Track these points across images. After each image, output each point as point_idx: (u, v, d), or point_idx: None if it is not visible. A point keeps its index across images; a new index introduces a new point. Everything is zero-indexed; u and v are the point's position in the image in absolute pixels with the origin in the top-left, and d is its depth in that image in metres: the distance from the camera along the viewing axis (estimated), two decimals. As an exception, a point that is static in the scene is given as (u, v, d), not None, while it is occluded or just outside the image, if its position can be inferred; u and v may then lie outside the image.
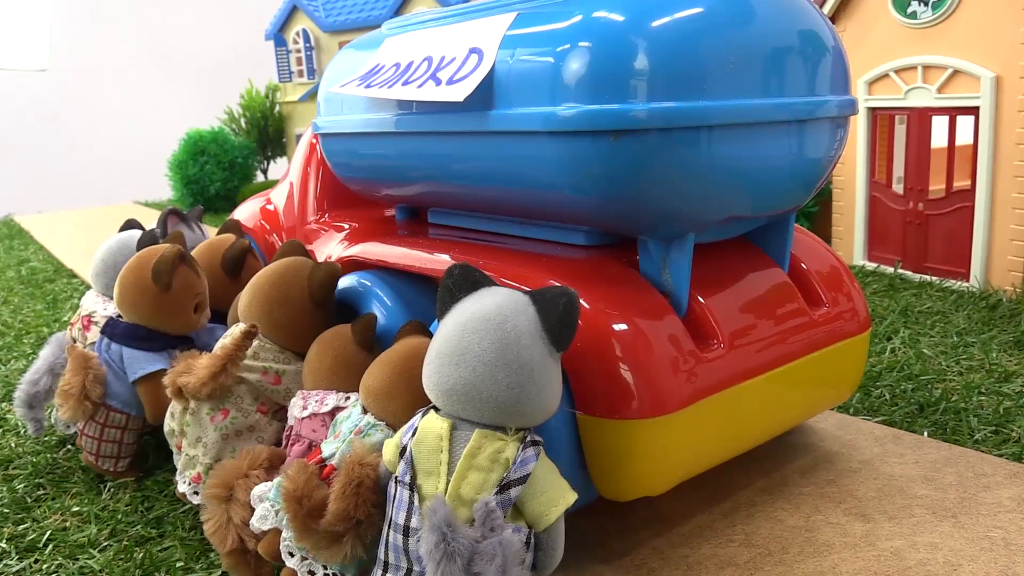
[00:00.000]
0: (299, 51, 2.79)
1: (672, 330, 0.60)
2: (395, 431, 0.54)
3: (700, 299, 0.64)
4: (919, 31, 1.31)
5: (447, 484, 0.47)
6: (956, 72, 1.27)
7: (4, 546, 0.70)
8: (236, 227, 0.93)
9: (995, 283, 1.25)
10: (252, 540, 0.60)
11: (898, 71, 1.35)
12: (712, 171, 0.58)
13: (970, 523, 0.64)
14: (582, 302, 0.59)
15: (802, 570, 0.59)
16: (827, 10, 1.44)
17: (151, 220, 1.01)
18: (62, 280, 1.79)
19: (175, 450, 0.73)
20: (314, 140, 1.02)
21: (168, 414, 0.73)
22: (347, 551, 0.51)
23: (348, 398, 0.64)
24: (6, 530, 0.73)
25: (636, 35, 0.55)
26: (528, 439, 0.48)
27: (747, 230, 0.71)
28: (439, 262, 0.71)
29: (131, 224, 0.98)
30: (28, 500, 0.78)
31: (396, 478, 0.50)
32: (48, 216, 2.88)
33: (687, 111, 0.55)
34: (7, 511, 0.76)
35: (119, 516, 0.74)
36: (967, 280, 1.29)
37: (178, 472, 0.72)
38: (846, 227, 1.50)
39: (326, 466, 0.56)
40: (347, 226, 0.92)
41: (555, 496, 0.48)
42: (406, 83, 0.67)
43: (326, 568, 0.55)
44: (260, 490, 0.60)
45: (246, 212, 1.08)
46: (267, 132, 2.91)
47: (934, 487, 0.70)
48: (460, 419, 0.48)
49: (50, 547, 0.70)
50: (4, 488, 0.80)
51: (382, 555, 0.50)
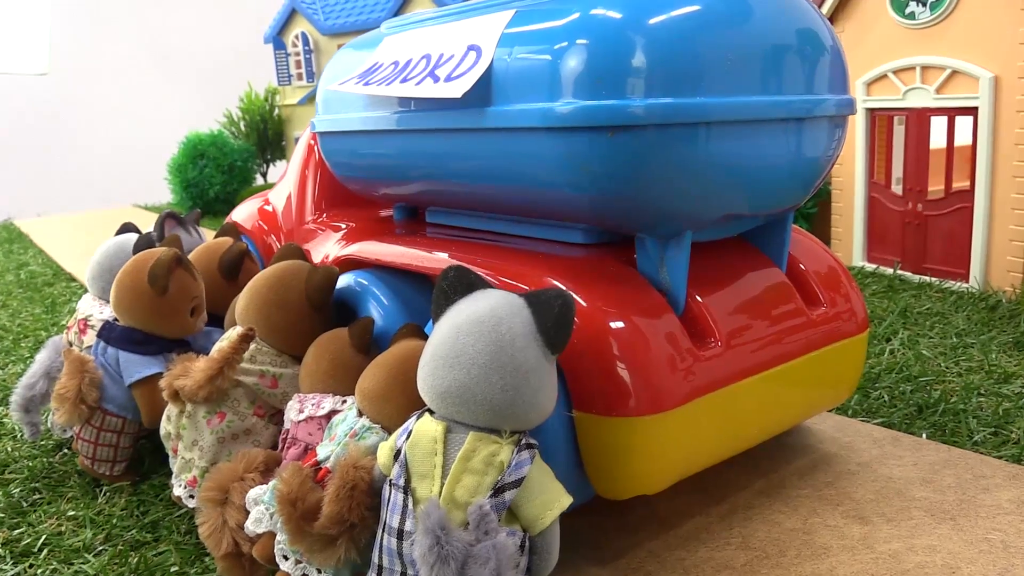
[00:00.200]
0: (298, 54, 2.79)
1: (669, 328, 0.59)
2: (390, 434, 0.54)
3: (698, 298, 0.63)
4: (917, 31, 1.31)
5: (441, 487, 0.47)
6: (954, 72, 1.26)
7: (-1, 551, 0.70)
8: (233, 230, 0.93)
9: (994, 284, 1.25)
10: (247, 543, 0.60)
11: (896, 72, 1.35)
12: (710, 168, 0.58)
13: (969, 525, 0.64)
14: (579, 300, 0.59)
15: (799, 573, 0.59)
16: (825, 10, 1.43)
17: (150, 223, 1.01)
18: (61, 284, 1.79)
19: (171, 453, 0.73)
20: (312, 141, 1.02)
21: (164, 417, 0.73)
22: (341, 554, 0.51)
23: (345, 401, 0.64)
24: (1, 535, 0.73)
25: (633, 32, 0.56)
26: (523, 442, 0.48)
27: (745, 229, 0.71)
28: (436, 260, 0.71)
29: (128, 227, 0.98)
30: (24, 505, 0.78)
31: (390, 481, 0.49)
32: (47, 219, 2.88)
33: (684, 107, 0.55)
34: (2, 516, 0.76)
35: (114, 520, 0.74)
36: (966, 281, 1.29)
37: (174, 475, 0.72)
38: (845, 228, 1.50)
39: (321, 469, 0.56)
40: (345, 226, 0.92)
41: (550, 499, 0.48)
42: (404, 80, 0.67)
43: (320, 572, 0.55)
44: (255, 493, 0.60)
45: (244, 213, 1.08)
46: (266, 135, 2.91)
47: (933, 489, 0.69)
48: (455, 422, 0.48)
49: (45, 552, 0.70)
50: (0, 493, 0.80)
51: (376, 559, 0.49)
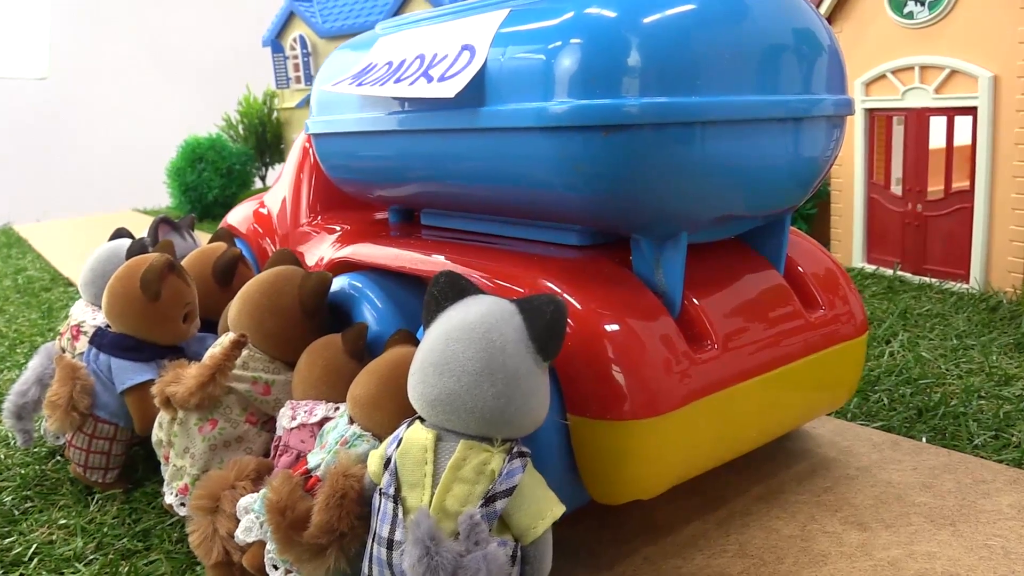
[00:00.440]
0: (296, 57, 2.79)
1: (665, 331, 0.59)
2: (381, 442, 0.53)
3: (694, 300, 0.63)
4: (916, 31, 1.30)
5: (432, 496, 0.46)
6: (953, 72, 1.26)
7: (-10, 560, 0.69)
8: (227, 236, 0.92)
9: (995, 284, 1.24)
10: (237, 552, 0.59)
11: (895, 72, 1.34)
12: (706, 168, 0.57)
13: (969, 531, 0.63)
14: (574, 302, 0.58)
15: (798, 580, 0.58)
16: (823, 10, 1.43)
17: (148, 228, 1.00)
18: (58, 289, 1.78)
19: (163, 461, 0.72)
20: (307, 143, 1.01)
21: (156, 424, 0.72)
22: (330, 564, 0.50)
23: (337, 408, 0.64)
24: (-8, 543, 0.72)
25: (628, 30, 0.55)
26: (515, 450, 0.47)
27: (742, 230, 0.70)
28: (429, 263, 0.70)
29: (121, 233, 0.98)
30: (15, 513, 0.77)
31: (380, 490, 0.49)
32: (47, 224, 2.88)
33: (680, 106, 0.55)
34: (-6, 524, 0.75)
35: (105, 529, 0.73)
36: (967, 282, 1.28)
37: (165, 483, 0.71)
38: (845, 229, 1.49)
39: (311, 477, 0.55)
40: (339, 228, 0.91)
41: (542, 508, 0.47)
42: (398, 81, 0.66)
43: (311, 582, 0.54)
44: (246, 502, 0.59)
45: (239, 216, 1.07)
46: (265, 138, 2.91)
47: (933, 494, 0.68)
48: (445, 430, 0.48)
49: (35, 561, 0.69)
50: (-8, 500, 0.79)
51: (366, 569, 0.49)
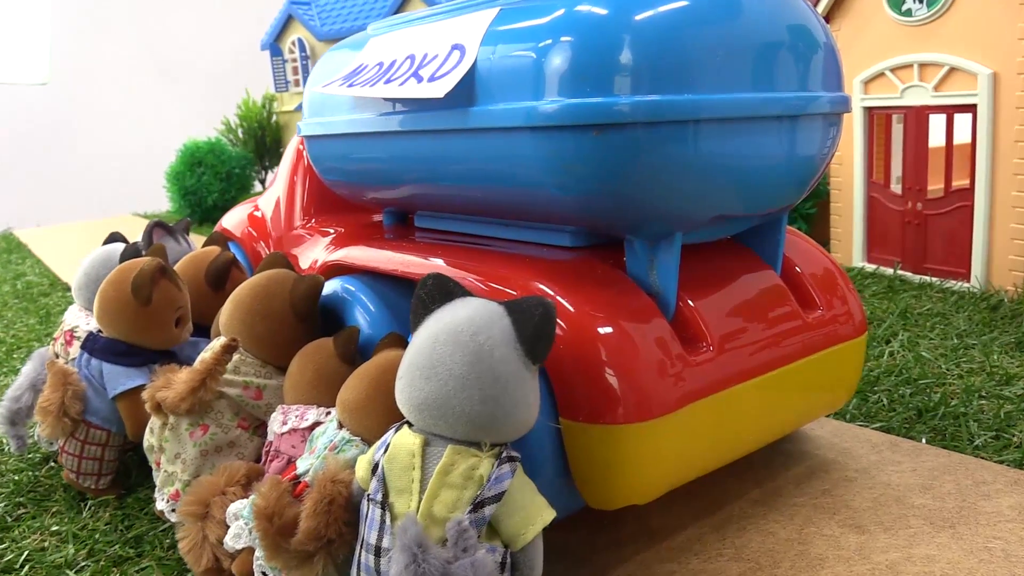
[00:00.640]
0: (295, 60, 2.79)
1: (659, 333, 0.58)
2: (371, 447, 0.52)
3: (689, 301, 0.62)
4: (914, 28, 1.30)
5: (419, 502, 0.45)
6: (952, 69, 1.25)
7: (-20, 567, 0.69)
8: (221, 239, 0.92)
9: (996, 283, 1.23)
10: (227, 559, 0.58)
11: (894, 69, 1.33)
12: (700, 168, 0.56)
13: (969, 534, 0.62)
14: (566, 304, 0.58)
15: (795, 584, 0.57)
16: (821, 9, 1.42)
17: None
18: (57, 294, 1.78)
19: (154, 466, 0.71)
20: (301, 146, 1.01)
21: (148, 430, 0.72)
22: (319, 571, 0.49)
23: (329, 413, 0.63)
24: (-17, 551, 0.72)
25: (619, 27, 0.54)
26: (504, 455, 0.47)
27: (738, 230, 0.69)
28: (421, 265, 0.70)
29: (115, 237, 0.97)
30: (8, 519, 0.77)
31: (368, 496, 0.48)
32: (47, 229, 2.88)
33: (673, 105, 0.54)
34: (-14, 531, 0.75)
35: (97, 536, 0.73)
36: (967, 280, 1.27)
37: (157, 489, 0.71)
38: (844, 228, 1.49)
39: (300, 483, 0.54)
40: (333, 231, 0.91)
41: (532, 514, 0.47)
42: (388, 81, 0.66)
43: (300, 589, 0.53)
44: (235, 507, 0.58)
45: (233, 219, 1.07)
46: (264, 142, 2.91)
47: (932, 496, 0.68)
48: (433, 435, 0.47)
49: (27, 568, 0.68)
50: (-16, 507, 0.79)
51: (354, 575, 0.48)
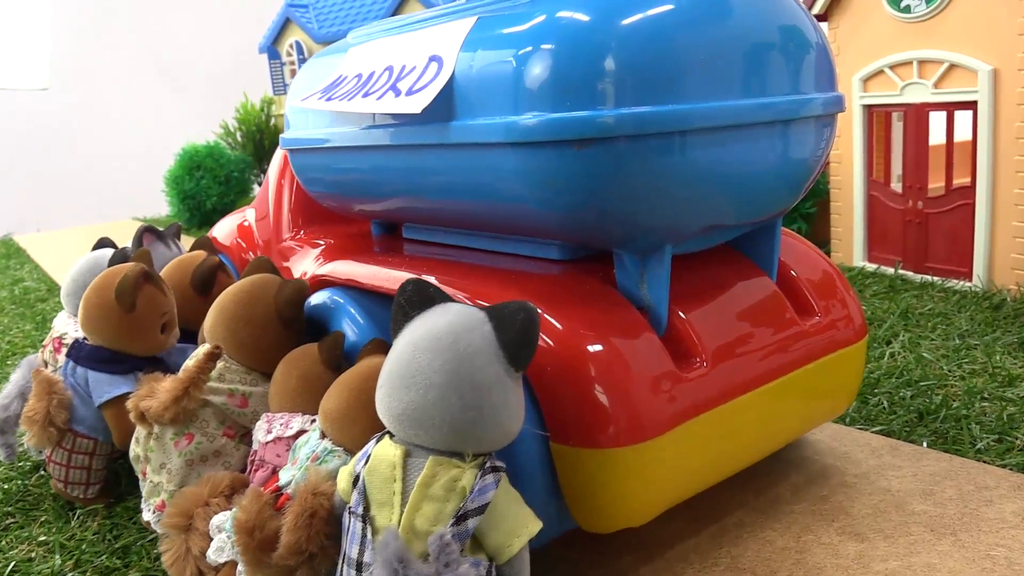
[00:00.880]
0: (293, 63, 2.78)
1: (651, 350, 0.56)
2: (353, 457, 0.51)
3: (681, 314, 0.60)
4: (913, 25, 1.28)
5: (401, 516, 0.44)
6: (952, 66, 1.23)
7: (-36, 580, 0.68)
8: (208, 244, 0.91)
9: (998, 282, 1.21)
10: (211, 572, 0.57)
11: (893, 67, 1.32)
12: (689, 179, 0.55)
13: (971, 541, 0.60)
14: (554, 322, 0.56)
15: (791, 595, 0.56)
16: (819, 6, 1.40)
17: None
18: (54, 300, 1.77)
19: (140, 476, 0.70)
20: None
21: (133, 439, 0.71)
22: (300, 587, 0.48)
23: (314, 421, 0.62)
24: (-32, 563, 0.70)
25: (602, 35, 0.52)
26: (488, 465, 0.45)
27: (730, 238, 0.68)
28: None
29: (104, 242, 0.96)
30: (-6, 530, 0.76)
31: (350, 509, 0.47)
32: (46, 234, 2.88)
33: (659, 116, 0.52)
34: (-29, 543, 0.74)
35: (84, 546, 0.72)
36: (969, 280, 1.25)
37: (143, 499, 0.69)
38: (845, 228, 1.47)
39: (282, 495, 0.53)
40: (323, 242, 0.89)
41: (517, 526, 0.45)
42: (366, 95, 0.64)
43: (283, 603, 0.52)
44: (218, 520, 0.57)
45: (223, 230, 1.06)
46: (263, 145, 2.90)
47: (933, 502, 0.66)
48: (414, 445, 0.46)
49: (11, 580, 0.67)
50: (-29, 518, 0.78)
51: (336, 591, 0.47)
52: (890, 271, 1.37)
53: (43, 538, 0.74)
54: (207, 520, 0.58)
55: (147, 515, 0.69)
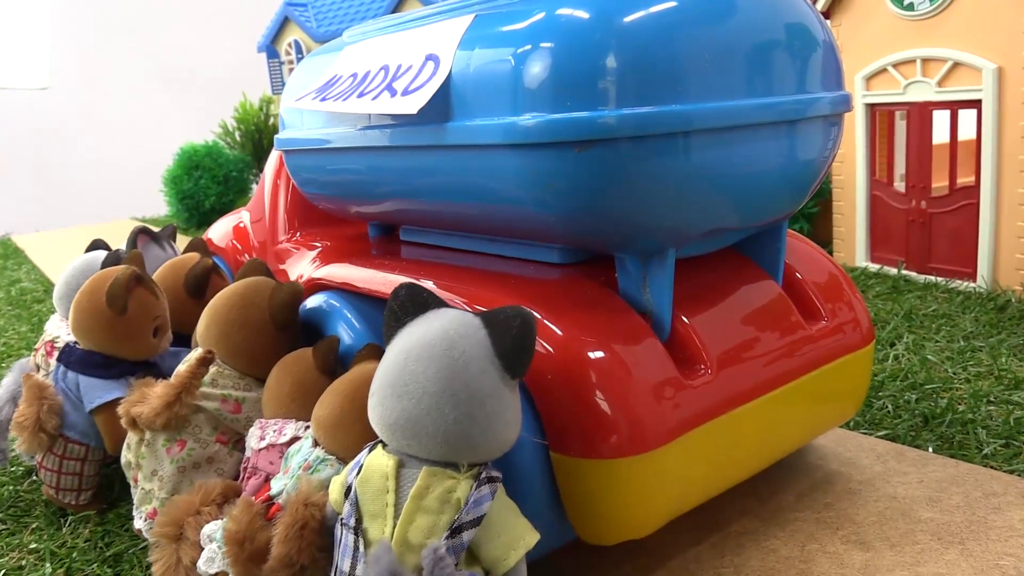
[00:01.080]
0: (292, 62, 2.77)
1: (654, 357, 0.55)
2: (346, 466, 0.50)
3: (684, 319, 0.59)
4: (917, 23, 1.27)
5: (393, 528, 0.43)
6: (956, 64, 1.22)
7: (-48, 589, 0.67)
8: (201, 245, 0.89)
9: (1003, 283, 1.20)
10: (202, 583, 0.56)
11: (896, 65, 1.30)
12: (692, 181, 0.53)
13: (979, 550, 0.59)
14: (554, 328, 0.55)
15: (795, 606, 0.55)
16: (821, 4, 1.39)
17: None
18: (51, 301, 1.76)
19: (132, 483, 0.69)
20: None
21: (124, 445, 0.70)
22: (291, 600, 0.47)
23: (308, 428, 0.60)
24: (-43, 572, 0.69)
25: (603, 33, 0.51)
26: (483, 476, 0.44)
27: (735, 241, 0.66)
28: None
29: (97, 244, 0.95)
30: (-16, 537, 0.75)
31: (341, 520, 0.45)
32: (45, 235, 2.86)
33: (662, 116, 0.50)
34: (-40, 550, 0.73)
35: (75, 554, 0.70)
36: (974, 280, 1.24)
37: (135, 507, 0.68)
38: (847, 228, 1.46)
39: (273, 504, 0.52)
40: (319, 245, 0.88)
41: (514, 538, 0.44)
42: (361, 95, 0.63)
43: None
44: (209, 529, 0.56)
45: (219, 231, 1.04)
46: (262, 145, 2.89)
47: (940, 509, 0.65)
48: (407, 456, 0.44)
49: (0, 590, 0.66)
50: (-39, 525, 0.77)
51: (328, 605, 0.46)
52: (893, 272, 1.36)
53: (34, 545, 0.73)
54: (198, 529, 0.57)
55: (138, 523, 0.68)
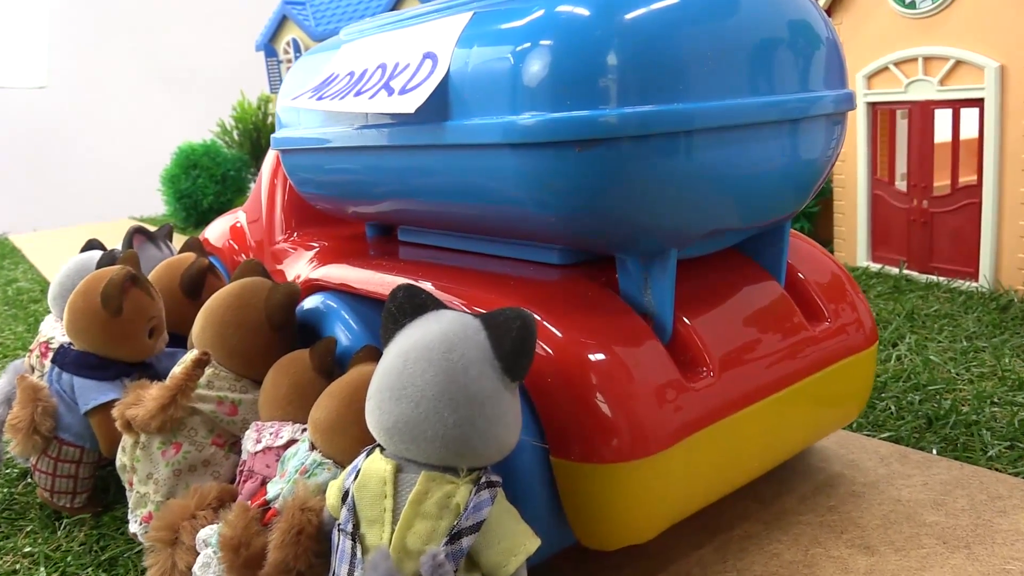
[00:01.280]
0: (290, 61, 2.76)
1: (655, 358, 0.54)
2: (343, 470, 0.49)
3: (686, 320, 0.58)
4: (919, 21, 1.26)
5: (392, 534, 0.42)
6: (958, 63, 1.21)
7: (-55, 594, 0.66)
8: (198, 245, 0.88)
9: (1005, 282, 1.19)
10: (197, 589, 0.55)
11: (898, 63, 1.30)
12: (694, 181, 0.52)
13: (985, 554, 0.58)
14: (553, 328, 0.54)
15: (799, 612, 0.54)
16: (822, 2, 1.38)
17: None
18: (48, 301, 1.75)
19: (127, 486, 0.68)
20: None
21: (119, 448, 0.69)
22: (287, 607, 0.46)
23: (305, 430, 0.60)
24: (-51, 576, 0.69)
25: (603, 31, 0.50)
26: (483, 480, 0.43)
27: (737, 242, 0.65)
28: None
29: (93, 244, 0.94)
30: (-22, 541, 0.74)
31: (339, 526, 0.45)
32: (42, 234, 2.85)
33: (663, 115, 0.49)
34: (-46, 555, 0.72)
35: (70, 558, 0.69)
36: (976, 280, 1.23)
37: (130, 511, 0.67)
38: (848, 227, 1.45)
39: (270, 509, 0.51)
40: (316, 245, 0.87)
41: (515, 544, 0.43)
42: (358, 94, 0.62)
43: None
44: (205, 533, 0.55)
45: (216, 231, 1.04)
46: (260, 144, 2.88)
47: (945, 513, 0.64)
48: (406, 460, 0.43)
49: (-8, 595, 0.65)
50: (-46, 529, 0.76)
51: (325, 612, 0.45)
52: (894, 271, 1.35)
53: (28, 549, 0.72)
54: (194, 534, 0.56)
55: (134, 527, 0.67)
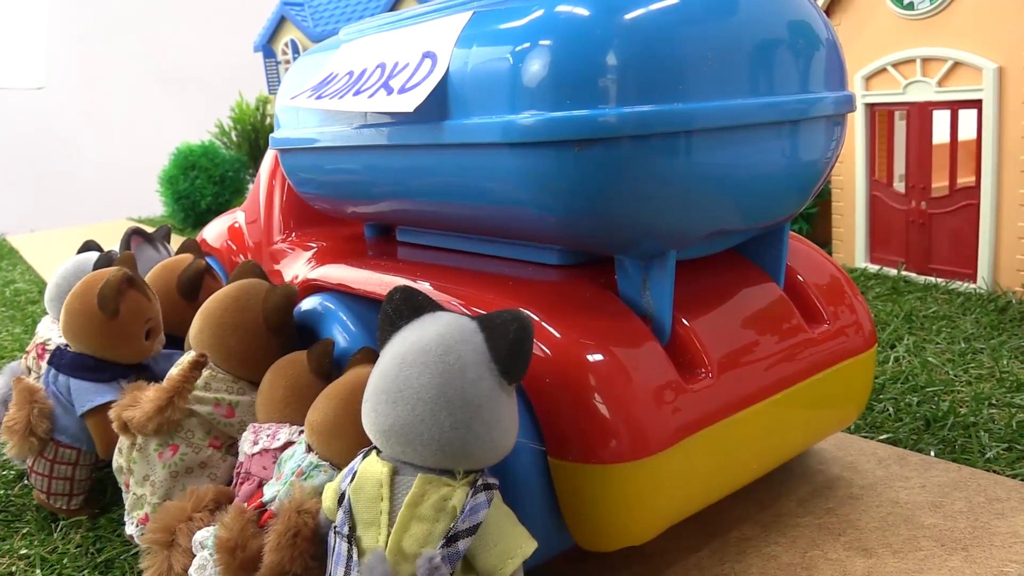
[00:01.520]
0: (288, 62, 2.76)
1: (654, 359, 0.54)
2: (340, 472, 0.49)
3: (685, 322, 0.58)
4: (917, 22, 1.26)
5: (388, 537, 0.42)
6: (957, 64, 1.21)
7: (-60, 596, 0.66)
8: (195, 247, 0.88)
9: (1004, 284, 1.19)
10: (194, 591, 0.55)
11: (896, 65, 1.30)
12: (694, 182, 0.52)
13: (983, 556, 0.58)
14: (552, 329, 0.54)
15: (797, 614, 0.54)
16: (821, 3, 1.38)
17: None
18: (45, 301, 1.75)
19: (123, 488, 0.68)
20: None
21: (116, 450, 0.69)
22: (283, 610, 0.46)
23: (302, 432, 0.60)
24: (-55, 578, 0.68)
25: (603, 30, 0.50)
26: (480, 483, 0.43)
27: (736, 243, 0.65)
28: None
29: (90, 245, 0.94)
30: (-27, 543, 0.73)
31: (335, 528, 0.44)
32: (40, 235, 2.85)
33: (663, 115, 0.49)
34: (-50, 557, 0.71)
35: (66, 560, 0.69)
36: (974, 281, 1.23)
37: (126, 512, 0.67)
38: (847, 228, 1.45)
39: (266, 511, 0.51)
40: (314, 245, 0.87)
41: (511, 547, 0.43)
42: (357, 93, 0.62)
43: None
44: (201, 536, 0.55)
45: (213, 232, 1.03)
46: (258, 144, 2.88)
47: (943, 515, 0.64)
48: (402, 462, 0.43)
49: (-12, 597, 0.65)
50: (-50, 531, 0.76)
51: (321, 615, 0.45)
52: (893, 272, 1.35)
53: (24, 551, 0.72)
54: (190, 536, 0.56)
55: (130, 528, 0.66)
